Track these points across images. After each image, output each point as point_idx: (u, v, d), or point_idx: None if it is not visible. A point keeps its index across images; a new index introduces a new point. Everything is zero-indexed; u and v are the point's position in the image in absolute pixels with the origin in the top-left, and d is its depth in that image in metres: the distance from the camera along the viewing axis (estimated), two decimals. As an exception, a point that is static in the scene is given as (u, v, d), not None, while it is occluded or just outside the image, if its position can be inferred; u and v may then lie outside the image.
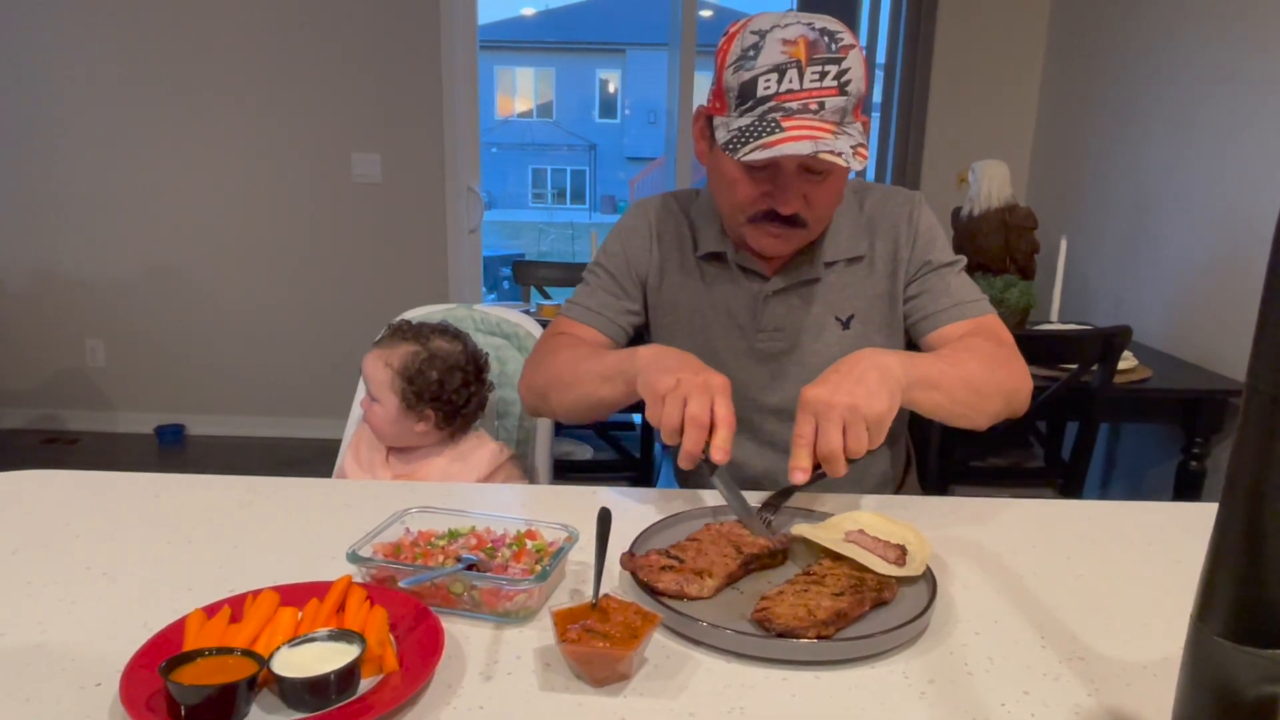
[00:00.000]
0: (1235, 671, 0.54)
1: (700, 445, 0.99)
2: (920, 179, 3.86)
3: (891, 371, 1.00)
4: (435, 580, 0.84)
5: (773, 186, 1.15)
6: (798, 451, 0.97)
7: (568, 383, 1.23)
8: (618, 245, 1.38)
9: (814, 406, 0.96)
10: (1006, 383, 1.17)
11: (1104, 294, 3.25)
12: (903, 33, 3.76)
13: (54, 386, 4.16)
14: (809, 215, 1.18)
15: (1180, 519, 1.14)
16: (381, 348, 1.43)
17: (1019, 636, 0.83)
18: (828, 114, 1.08)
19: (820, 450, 0.96)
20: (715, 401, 1.00)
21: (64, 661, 0.76)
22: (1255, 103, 2.47)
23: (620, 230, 1.39)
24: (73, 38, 3.79)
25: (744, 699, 0.72)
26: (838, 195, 1.21)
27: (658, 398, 1.02)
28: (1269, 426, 0.51)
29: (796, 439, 0.97)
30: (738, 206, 1.20)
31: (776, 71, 1.08)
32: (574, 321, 1.35)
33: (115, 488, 1.17)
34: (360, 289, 4.03)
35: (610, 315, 1.35)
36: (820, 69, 1.08)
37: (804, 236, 1.23)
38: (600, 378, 1.18)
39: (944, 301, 1.27)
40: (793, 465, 0.97)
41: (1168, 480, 2.52)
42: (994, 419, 1.17)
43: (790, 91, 1.08)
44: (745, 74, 1.10)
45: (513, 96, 26.25)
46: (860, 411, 0.95)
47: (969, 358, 1.16)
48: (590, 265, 1.40)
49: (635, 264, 1.37)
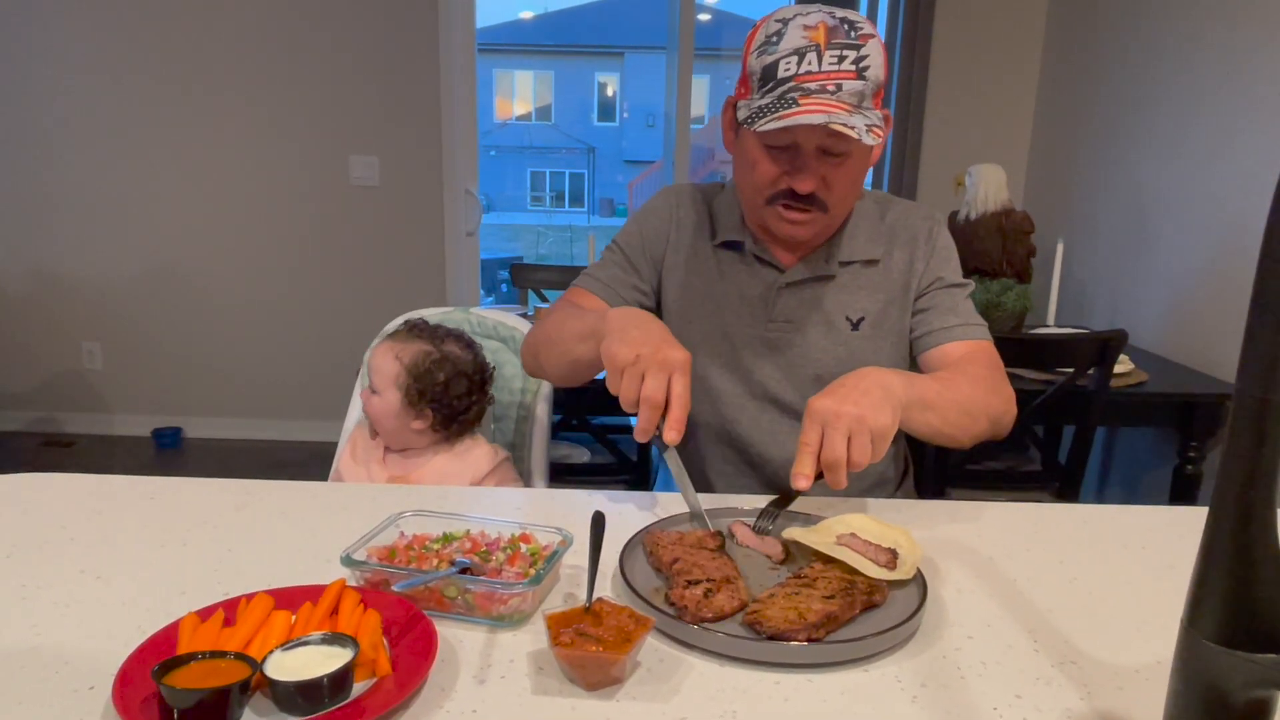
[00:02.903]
0: (1225, 676, 0.54)
1: (653, 423, 1.02)
2: (917, 183, 3.87)
3: (894, 390, 1.02)
4: (429, 584, 0.84)
5: (791, 166, 1.19)
6: (802, 458, 0.98)
7: (553, 340, 1.27)
8: (636, 226, 1.42)
9: (822, 415, 0.98)
10: (995, 406, 1.21)
11: (1100, 298, 3.26)
12: (900, 36, 3.77)
13: (51, 389, 4.15)
14: (827, 197, 1.21)
15: (1174, 522, 1.15)
16: (395, 341, 1.44)
17: (1012, 640, 0.83)
18: (845, 95, 1.12)
19: (825, 457, 0.97)
20: (672, 379, 1.02)
21: (57, 665, 0.76)
22: (1250, 107, 2.47)
23: (643, 211, 1.43)
24: (69, 40, 3.79)
25: (736, 702, 0.72)
26: (856, 180, 1.23)
27: (616, 370, 1.04)
28: (1258, 432, 0.51)
29: (802, 446, 0.98)
30: (758, 187, 1.23)
31: (797, 54, 1.12)
32: (582, 290, 1.39)
33: (110, 490, 1.17)
34: (357, 292, 4.03)
35: (616, 288, 1.38)
36: (839, 53, 1.12)
37: (824, 221, 1.25)
38: (578, 336, 1.20)
39: (950, 320, 1.31)
40: (796, 471, 0.98)
41: (1164, 484, 2.53)
42: (977, 440, 1.21)
43: (809, 73, 1.12)
44: (768, 58, 1.14)
45: (511, 99, 26.28)
46: (866, 423, 0.96)
47: (963, 381, 1.20)
48: (608, 245, 1.44)
49: (650, 245, 1.40)
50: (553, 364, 1.29)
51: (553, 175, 26.53)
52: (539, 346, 1.31)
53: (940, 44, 3.76)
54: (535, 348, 1.32)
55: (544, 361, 1.31)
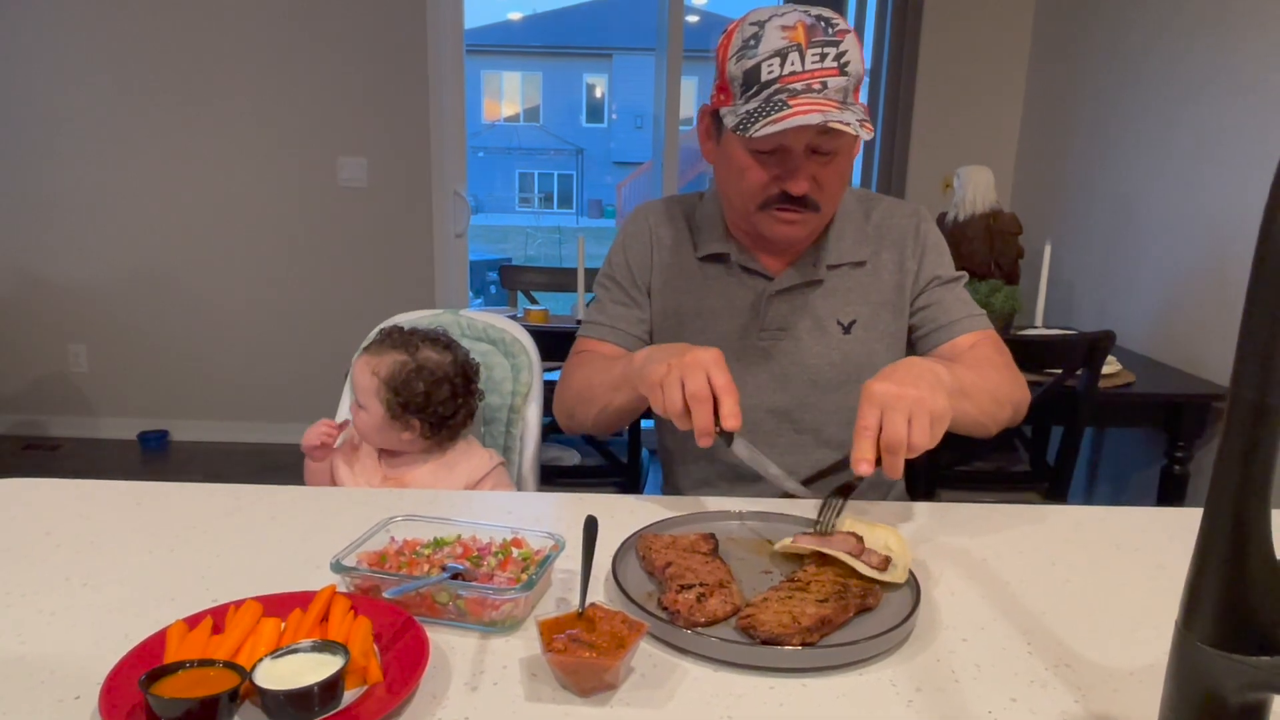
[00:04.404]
0: (1220, 678, 0.54)
1: (709, 419, 1.01)
2: (905, 184, 3.88)
3: (942, 376, 1.02)
4: (420, 590, 0.83)
5: (782, 169, 1.19)
6: (861, 442, 0.95)
7: (589, 399, 1.28)
8: (620, 255, 1.41)
9: (881, 398, 0.96)
10: (1015, 393, 1.24)
11: (1088, 299, 3.28)
12: (888, 38, 3.78)
13: (36, 392, 4.12)
14: (820, 197, 1.21)
15: (1165, 523, 1.15)
16: (370, 354, 1.42)
17: (1005, 643, 0.83)
18: (831, 92, 1.12)
19: (886, 439, 0.94)
20: (711, 374, 1.02)
21: (43, 674, 0.74)
22: (1236, 109, 2.49)
23: (622, 239, 1.43)
24: (56, 43, 3.76)
25: (731, 707, 0.72)
26: (845, 177, 1.24)
27: (655, 387, 1.05)
28: (1252, 433, 0.51)
29: (860, 430, 0.95)
30: (748, 194, 1.22)
31: (779, 56, 1.12)
32: (591, 339, 1.39)
33: (97, 495, 1.15)
34: (346, 294, 4.01)
35: (624, 327, 1.38)
36: (820, 51, 1.12)
37: (816, 221, 1.25)
38: (611, 388, 1.22)
39: (956, 313, 1.32)
40: (857, 457, 0.95)
41: (1151, 484, 2.54)
42: (1002, 427, 1.23)
43: (794, 73, 1.12)
44: (748, 62, 1.14)
45: (499, 101, 26.25)
46: (926, 405, 0.95)
47: (989, 369, 1.22)
48: (599, 278, 1.44)
49: (638, 270, 1.40)
50: (592, 419, 1.30)
51: (541, 177, 26.51)
52: (574, 406, 1.32)
53: (928, 46, 3.78)
54: (570, 407, 1.33)
55: (581, 419, 1.32)
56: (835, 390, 1.32)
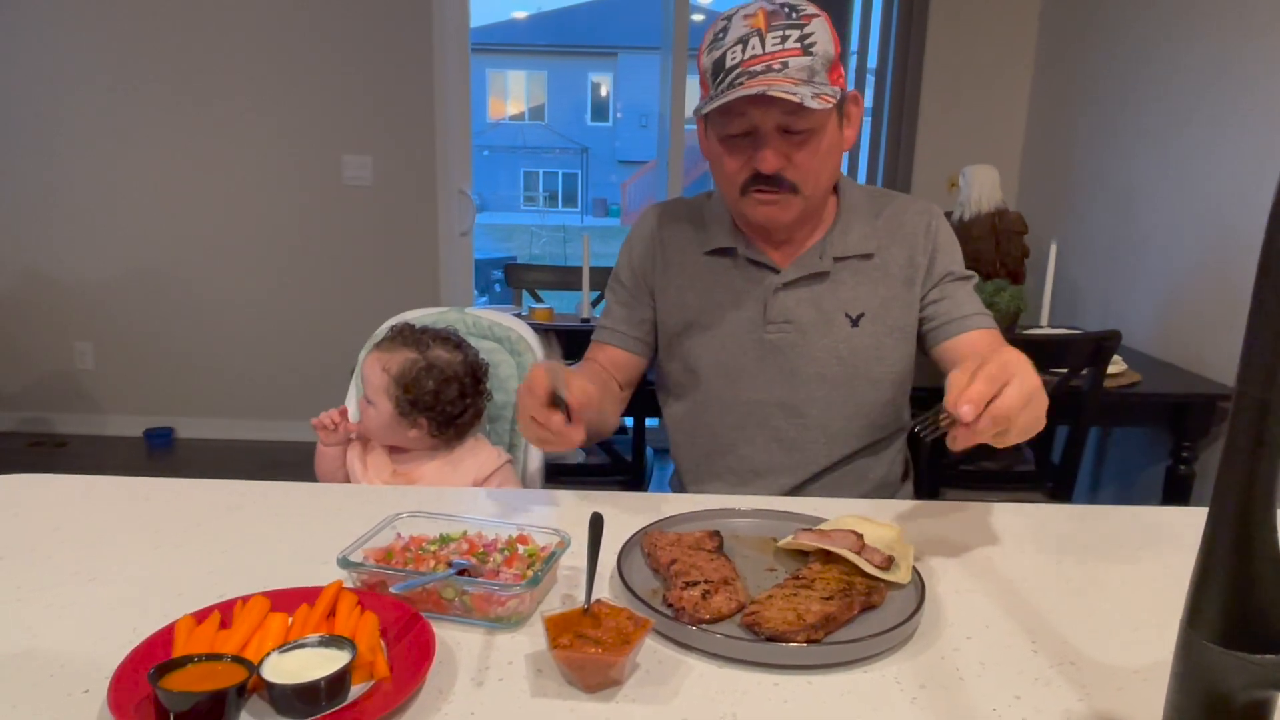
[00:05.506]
0: (1225, 677, 0.54)
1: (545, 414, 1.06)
2: (911, 183, 3.87)
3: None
4: (426, 585, 0.84)
5: (754, 151, 1.21)
6: (976, 387, 0.89)
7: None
8: (625, 257, 1.45)
9: (1016, 369, 0.92)
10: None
11: (1093, 298, 3.27)
12: (894, 37, 3.77)
13: (42, 389, 4.13)
14: (795, 176, 1.22)
15: (1170, 522, 1.15)
16: (381, 351, 1.43)
17: (1010, 641, 0.83)
18: (793, 71, 1.14)
19: (997, 408, 0.89)
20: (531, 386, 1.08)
21: (52, 668, 0.75)
22: (1242, 107, 2.48)
23: (630, 240, 1.46)
24: (62, 39, 3.77)
25: (736, 705, 0.72)
26: (824, 159, 1.23)
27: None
28: (1258, 433, 0.51)
29: (981, 377, 0.90)
30: (728, 181, 1.25)
31: (740, 43, 1.16)
32: (599, 343, 1.44)
33: (104, 491, 1.16)
34: (351, 292, 4.02)
35: (626, 330, 1.42)
36: (781, 34, 1.15)
37: (797, 202, 1.25)
38: None
39: (967, 309, 1.32)
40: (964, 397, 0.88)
41: (1156, 484, 2.53)
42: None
43: (754, 57, 1.15)
44: (716, 52, 1.18)
45: (504, 99, 26.25)
46: (1043, 406, 0.96)
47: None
48: (609, 282, 1.48)
49: (641, 272, 1.42)
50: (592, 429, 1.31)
51: (546, 175, 26.49)
52: None
53: (934, 45, 3.77)
54: None
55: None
56: (843, 384, 1.32)
